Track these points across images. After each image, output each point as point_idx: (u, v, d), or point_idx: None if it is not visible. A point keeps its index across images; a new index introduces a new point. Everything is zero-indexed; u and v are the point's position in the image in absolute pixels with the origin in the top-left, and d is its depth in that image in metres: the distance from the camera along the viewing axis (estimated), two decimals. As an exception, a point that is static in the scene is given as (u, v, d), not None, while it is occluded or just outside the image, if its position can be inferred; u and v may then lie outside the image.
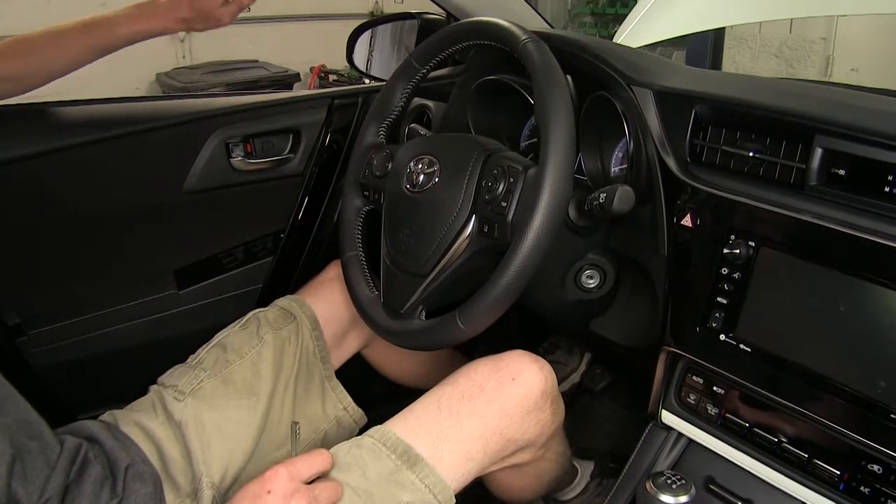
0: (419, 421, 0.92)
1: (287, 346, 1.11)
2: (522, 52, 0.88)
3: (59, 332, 1.25)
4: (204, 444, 0.95)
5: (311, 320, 1.16)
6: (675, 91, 0.92)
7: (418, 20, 1.44)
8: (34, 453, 0.74)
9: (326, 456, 0.85)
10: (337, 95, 1.40)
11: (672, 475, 0.80)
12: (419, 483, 0.86)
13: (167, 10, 1.09)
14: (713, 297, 0.85)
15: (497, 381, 0.94)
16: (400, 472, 0.87)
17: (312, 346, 1.15)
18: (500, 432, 0.93)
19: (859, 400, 0.73)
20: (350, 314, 1.18)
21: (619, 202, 0.84)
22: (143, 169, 1.24)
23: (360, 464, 0.87)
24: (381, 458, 0.88)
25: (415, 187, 0.98)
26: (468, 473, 0.92)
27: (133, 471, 0.86)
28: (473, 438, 0.91)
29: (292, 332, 1.13)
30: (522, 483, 1.13)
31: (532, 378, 0.95)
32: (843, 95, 0.88)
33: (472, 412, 0.91)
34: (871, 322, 0.72)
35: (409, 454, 0.88)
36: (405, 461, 0.87)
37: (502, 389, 0.93)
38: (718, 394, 0.88)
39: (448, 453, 0.89)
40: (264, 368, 1.06)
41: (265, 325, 1.11)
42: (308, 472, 0.82)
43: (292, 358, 1.11)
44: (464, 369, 0.97)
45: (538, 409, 0.96)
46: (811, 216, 0.77)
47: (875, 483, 0.73)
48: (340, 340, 1.22)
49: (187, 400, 0.99)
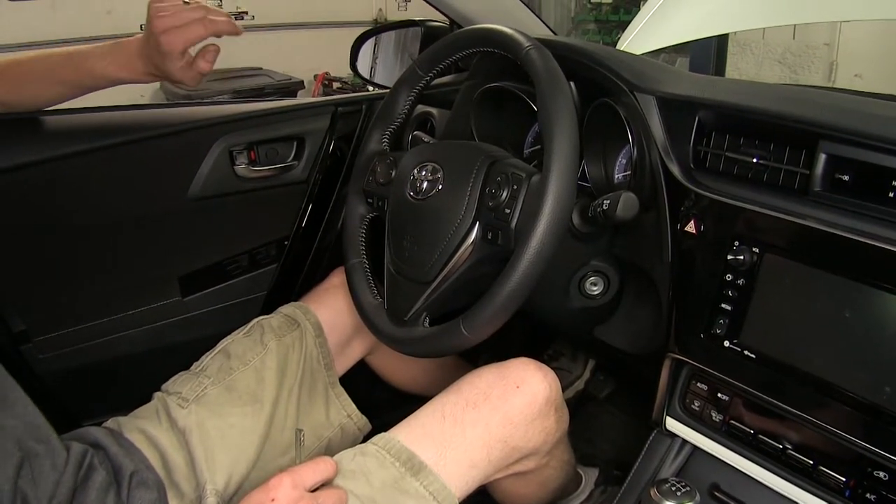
0: (423, 429, 0.92)
1: (291, 353, 1.11)
2: (525, 59, 0.89)
3: (63, 338, 1.25)
4: (208, 451, 0.96)
5: (315, 327, 1.16)
6: (679, 97, 0.92)
7: (422, 28, 1.44)
8: (42, 457, 0.75)
9: (330, 463, 0.85)
10: (341, 103, 1.40)
11: (676, 482, 0.80)
12: (423, 490, 0.86)
13: (136, 58, 1.02)
14: (717, 304, 0.84)
15: (501, 388, 0.94)
16: (404, 480, 0.86)
17: (316, 353, 1.15)
18: (505, 440, 0.93)
19: (865, 406, 0.72)
20: (354, 321, 1.18)
21: (623, 209, 0.84)
22: (147, 176, 1.24)
23: (364, 471, 0.87)
24: (385, 465, 0.87)
25: (418, 194, 0.98)
26: (472, 481, 0.92)
27: (137, 478, 0.86)
28: (477, 446, 0.91)
29: (296, 339, 1.13)
30: (527, 491, 1.12)
31: (536, 386, 0.95)
32: (847, 101, 0.88)
33: (477, 420, 0.91)
34: (876, 328, 0.72)
35: (413, 461, 0.88)
36: (409, 469, 0.87)
37: (506, 397, 0.93)
38: (723, 400, 0.87)
39: (452, 461, 0.89)
40: (268, 376, 1.06)
41: (269, 332, 1.12)
42: (312, 480, 0.82)
43: (296, 365, 1.11)
44: (468, 377, 0.97)
45: (543, 416, 0.96)
46: (815, 222, 0.77)
47: (881, 490, 0.73)
48: (344, 347, 1.22)
49: (191, 407, 0.99)
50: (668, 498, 0.78)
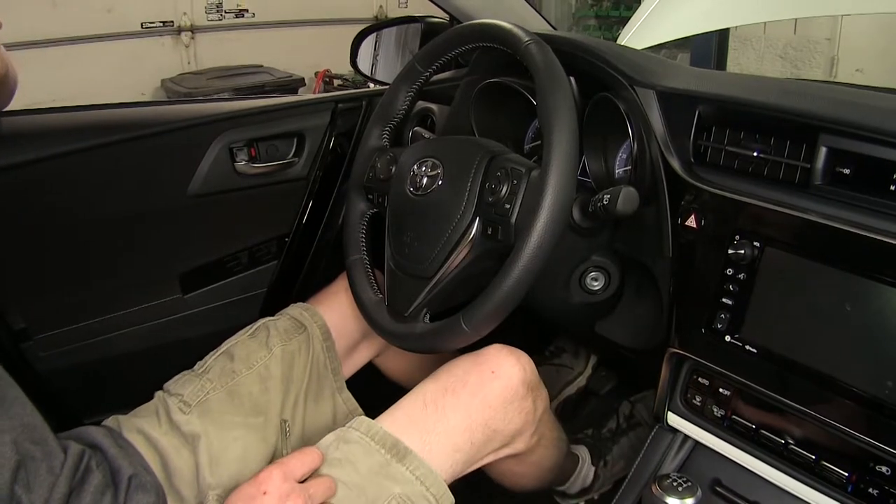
0: (406, 417, 0.94)
1: (297, 358, 1.10)
2: (525, 54, 0.88)
3: (64, 336, 1.25)
4: (213, 460, 0.95)
5: (322, 331, 1.15)
6: (679, 91, 0.92)
7: (422, 24, 1.44)
8: (38, 460, 0.74)
9: (317, 453, 0.87)
10: (341, 99, 1.40)
11: (678, 477, 0.80)
12: (410, 475, 0.88)
13: None
14: (718, 298, 0.84)
15: (478, 374, 0.96)
16: (390, 466, 0.88)
17: (323, 358, 1.14)
18: (486, 423, 0.95)
19: (866, 400, 0.72)
20: (362, 324, 1.17)
21: (623, 203, 0.84)
22: (147, 173, 1.24)
23: (351, 459, 0.88)
24: (370, 452, 0.89)
25: (418, 190, 0.98)
26: (457, 464, 0.93)
27: (136, 481, 0.86)
28: (459, 430, 0.93)
29: (302, 343, 1.12)
30: (522, 470, 1.13)
31: (510, 370, 0.97)
32: (848, 94, 0.87)
33: (457, 405, 0.93)
34: (877, 321, 0.72)
35: (398, 447, 0.89)
36: (395, 454, 0.89)
37: (483, 383, 0.95)
38: (724, 395, 0.87)
39: (436, 445, 0.91)
40: (272, 387, 1.05)
41: (275, 335, 1.10)
42: (301, 471, 0.84)
43: (302, 370, 1.10)
44: (445, 366, 0.99)
45: (520, 398, 0.98)
46: (816, 216, 0.76)
47: (883, 485, 0.73)
48: (352, 351, 1.22)
49: (193, 412, 0.99)
50: (669, 493, 0.78)
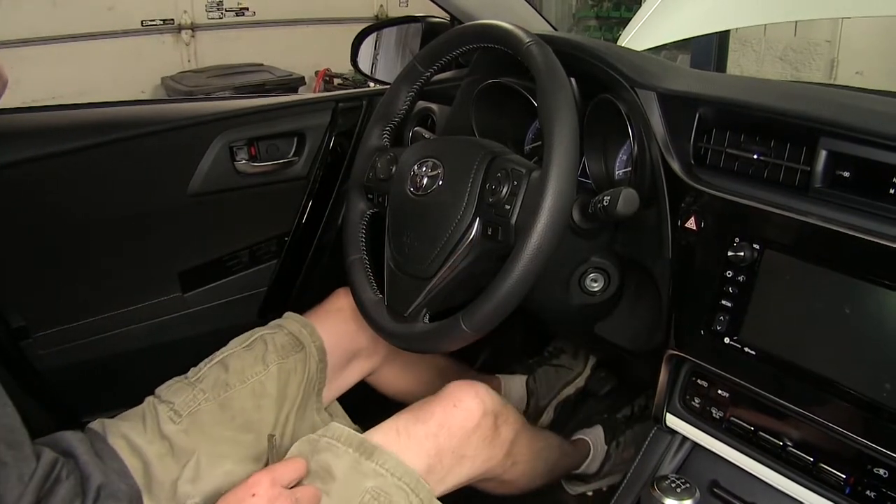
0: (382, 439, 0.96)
1: (292, 377, 1.10)
2: (526, 55, 0.88)
3: (63, 334, 1.25)
4: (198, 474, 0.96)
5: (319, 351, 1.15)
6: (679, 93, 0.92)
7: (422, 24, 1.44)
8: (10, 466, 0.73)
9: (303, 463, 0.90)
10: (341, 99, 1.40)
11: (676, 479, 0.80)
12: (380, 469, 0.90)
13: None
14: (718, 300, 0.84)
15: (442, 407, 1.01)
16: (360, 464, 0.90)
17: (315, 379, 1.15)
18: (453, 450, 1.00)
19: (865, 403, 0.72)
20: (356, 346, 1.20)
21: (623, 205, 0.84)
22: (147, 172, 1.24)
23: (326, 467, 0.91)
24: (339, 454, 0.91)
25: (419, 190, 0.98)
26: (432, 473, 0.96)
27: (106, 490, 0.84)
28: (431, 454, 0.97)
29: (299, 363, 1.11)
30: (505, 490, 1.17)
31: (470, 402, 1.02)
32: (848, 97, 0.87)
33: (427, 434, 0.98)
34: (876, 324, 0.72)
35: (364, 445, 0.92)
36: (362, 452, 0.91)
37: (446, 414, 1.00)
38: (723, 397, 0.87)
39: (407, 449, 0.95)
40: (266, 405, 1.06)
41: (272, 350, 1.09)
42: (289, 479, 0.86)
43: (296, 389, 1.10)
44: (417, 403, 1.03)
45: (481, 427, 1.02)
46: (816, 218, 0.76)
47: (881, 487, 0.73)
48: (342, 370, 1.21)
49: (183, 422, 0.99)
50: (668, 495, 0.78)
